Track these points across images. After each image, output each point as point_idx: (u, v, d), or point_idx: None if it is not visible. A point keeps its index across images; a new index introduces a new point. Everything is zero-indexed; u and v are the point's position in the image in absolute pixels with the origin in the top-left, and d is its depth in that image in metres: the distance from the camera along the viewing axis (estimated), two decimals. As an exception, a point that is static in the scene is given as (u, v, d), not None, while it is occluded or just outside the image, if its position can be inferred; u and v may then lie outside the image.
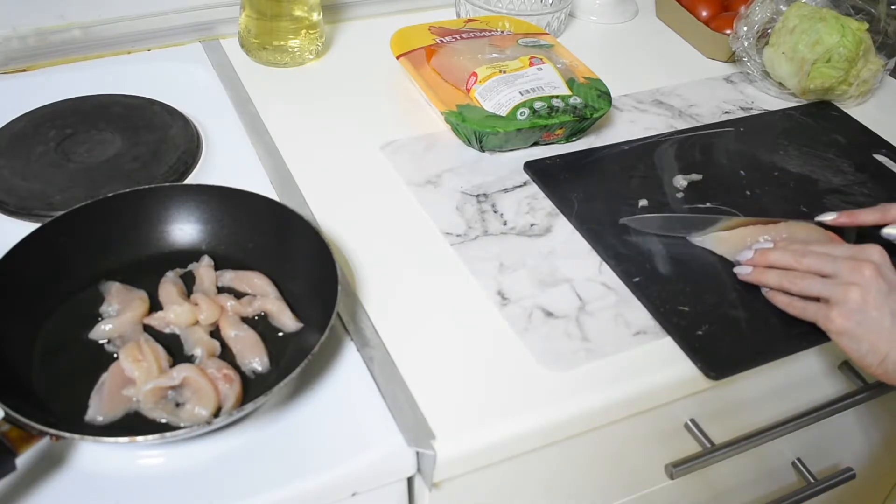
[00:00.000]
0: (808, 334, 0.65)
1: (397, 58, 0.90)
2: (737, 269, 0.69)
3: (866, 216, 0.70)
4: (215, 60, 0.93)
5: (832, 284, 0.62)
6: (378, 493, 0.58)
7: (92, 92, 0.84)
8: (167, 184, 0.72)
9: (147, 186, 0.67)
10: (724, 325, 0.65)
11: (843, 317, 0.61)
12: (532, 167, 0.80)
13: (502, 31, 0.94)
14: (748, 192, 0.80)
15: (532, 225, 0.74)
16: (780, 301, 0.66)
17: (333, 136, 0.83)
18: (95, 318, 0.61)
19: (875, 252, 0.63)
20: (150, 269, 0.65)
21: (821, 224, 0.72)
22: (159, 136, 0.80)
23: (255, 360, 0.59)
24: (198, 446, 0.55)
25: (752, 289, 0.68)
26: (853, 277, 0.61)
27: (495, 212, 0.75)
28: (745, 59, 0.97)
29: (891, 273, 0.62)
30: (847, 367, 0.75)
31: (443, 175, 0.79)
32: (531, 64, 0.84)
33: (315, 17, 0.93)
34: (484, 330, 0.64)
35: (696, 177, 0.81)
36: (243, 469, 0.54)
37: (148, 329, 0.61)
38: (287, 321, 0.61)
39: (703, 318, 0.66)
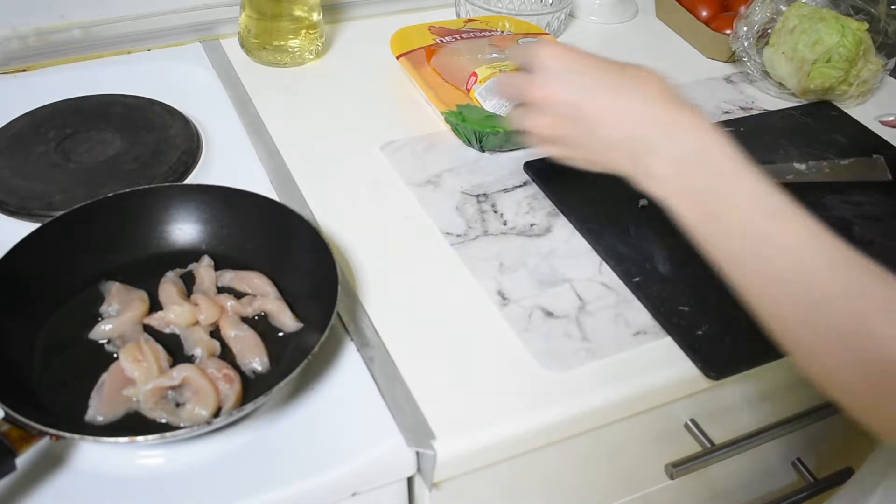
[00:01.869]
0: (808, 334, 0.65)
1: (397, 58, 0.90)
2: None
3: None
4: (215, 60, 0.93)
5: (523, 112, 0.58)
6: (378, 493, 0.58)
7: (92, 92, 0.84)
8: (167, 184, 0.72)
9: (147, 186, 0.67)
10: (724, 325, 0.65)
11: (546, 145, 0.58)
12: (532, 167, 0.80)
13: (502, 31, 0.94)
14: (748, 192, 0.80)
15: (532, 225, 0.74)
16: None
17: (333, 136, 0.83)
18: (95, 318, 0.61)
19: (545, 56, 0.56)
20: (150, 269, 0.64)
21: None
22: (159, 136, 0.80)
23: (255, 360, 0.59)
24: (198, 446, 0.55)
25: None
26: (530, 103, 0.57)
27: (495, 212, 0.75)
28: (745, 59, 0.97)
29: (571, 74, 0.56)
30: (847, 367, 0.75)
31: (443, 175, 0.79)
32: (531, 64, 0.84)
33: (315, 17, 0.93)
34: (484, 330, 0.64)
35: (696, 177, 0.81)
36: (243, 469, 0.54)
37: (148, 329, 0.61)
38: (287, 321, 0.61)
39: (703, 318, 0.66)
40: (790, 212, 0.50)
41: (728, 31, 1.00)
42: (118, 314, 0.61)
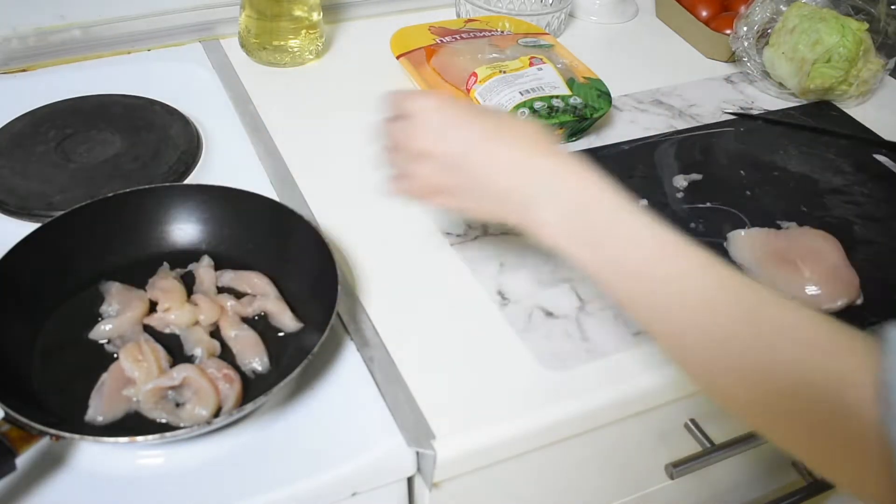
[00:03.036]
0: (808, 334, 0.65)
1: (397, 58, 0.90)
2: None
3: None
4: (215, 60, 0.93)
5: (402, 160, 0.57)
6: (378, 492, 0.58)
7: (92, 92, 0.84)
8: (167, 184, 0.72)
9: (147, 186, 0.67)
10: (724, 325, 0.65)
11: (429, 194, 0.57)
12: (532, 167, 0.80)
13: (502, 31, 0.94)
14: (748, 192, 0.80)
15: (532, 225, 0.74)
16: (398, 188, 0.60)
17: (333, 136, 0.83)
18: (95, 318, 0.61)
19: (417, 108, 0.56)
20: (150, 269, 0.64)
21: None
22: (159, 136, 0.80)
23: (255, 360, 0.59)
24: (198, 446, 0.55)
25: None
26: (408, 153, 0.56)
27: (495, 212, 0.75)
28: (745, 59, 0.97)
29: (448, 129, 0.55)
30: (847, 367, 0.75)
31: (443, 175, 0.79)
32: (531, 64, 0.84)
33: (315, 17, 0.93)
34: (484, 330, 0.64)
35: (696, 177, 0.81)
36: (243, 469, 0.54)
37: (148, 329, 0.61)
38: (287, 321, 0.61)
39: (703, 318, 0.65)
40: (681, 246, 0.50)
41: (728, 31, 1.00)
42: (118, 314, 0.61)
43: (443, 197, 0.57)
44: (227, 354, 0.60)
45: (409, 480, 0.61)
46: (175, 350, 0.59)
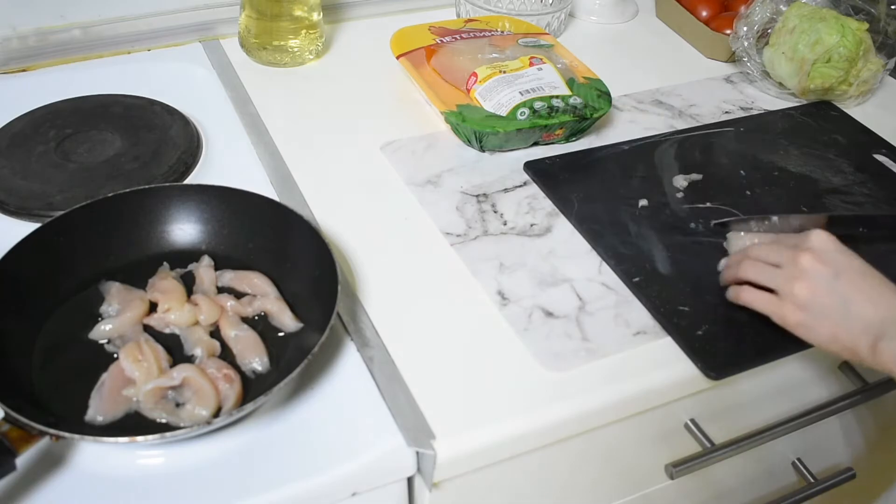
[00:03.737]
0: (808, 334, 0.65)
1: (397, 58, 0.90)
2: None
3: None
4: (215, 60, 0.93)
5: (781, 277, 0.62)
6: (378, 492, 0.58)
7: (92, 92, 0.84)
8: (167, 184, 0.72)
9: (147, 186, 0.67)
10: (724, 325, 0.65)
11: (795, 311, 0.61)
12: (532, 167, 0.80)
13: (502, 31, 0.94)
14: (748, 192, 0.80)
15: (532, 225, 0.74)
16: (746, 298, 0.64)
17: (333, 136, 0.83)
18: (95, 318, 0.61)
19: (815, 238, 0.62)
20: (150, 269, 0.64)
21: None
22: (159, 136, 0.80)
23: (255, 360, 0.59)
24: (198, 446, 0.55)
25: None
26: (794, 270, 0.61)
27: (495, 212, 0.75)
28: (745, 59, 0.97)
29: (836, 255, 0.61)
30: (847, 367, 0.75)
31: (443, 175, 0.79)
32: (531, 64, 0.84)
33: (315, 17, 0.93)
34: (484, 330, 0.64)
35: (696, 177, 0.81)
36: (243, 469, 0.54)
37: (148, 329, 0.61)
38: (287, 321, 0.61)
39: (703, 318, 0.66)
40: None
41: (728, 31, 1.00)
42: (118, 314, 0.61)
43: (804, 313, 0.60)
44: (227, 354, 0.60)
45: (409, 480, 0.61)
46: (175, 350, 0.59)
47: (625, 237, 0.73)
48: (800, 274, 0.60)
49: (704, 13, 1.05)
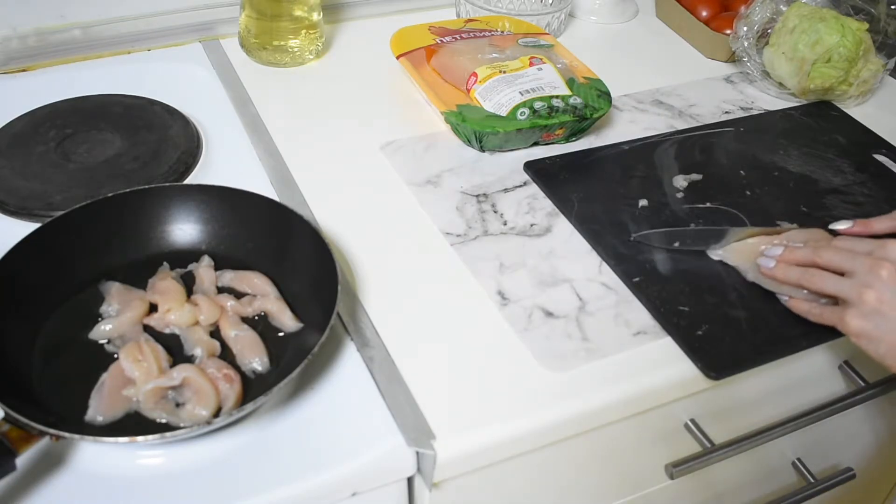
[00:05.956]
0: (809, 334, 0.65)
1: (397, 58, 0.90)
2: (760, 261, 0.68)
3: (881, 224, 0.68)
4: (215, 60, 0.93)
5: (849, 284, 0.61)
6: (378, 493, 0.58)
7: (92, 92, 0.84)
8: (167, 184, 0.72)
9: (147, 186, 0.67)
10: (724, 325, 0.65)
11: (859, 318, 0.60)
12: (532, 167, 0.80)
13: (502, 31, 0.94)
14: (748, 192, 0.80)
15: (532, 225, 0.74)
16: (800, 308, 0.65)
17: (333, 136, 0.83)
18: (95, 318, 0.61)
19: (895, 250, 0.61)
20: (150, 269, 0.64)
21: (833, 232, 0.70)
22: (159, 136, 0.80)
23: (255, 360, 0.59)
24: (198, 446, 0.55)
25: (753, 289, 0.68)
26: (869, 278, 0.60)
27: (495, 212, 0.75)
28: (745, 59, 0.97)
29: None
30: (847, 367, 0.75)
31: (443, 175, 0.79)
32: (531, 64, 0.84)
33: (315, 17, 0.93)
34: (484, 330, 0.64)
35: (696, 177, 0.81)
36: (243, 469, 0.54)
37: (148, 329, 0.61)
38: (287, 321, 0.61)
39: (703, 318, 0.66)
40: None
41: (728, 31, 1.00)
42: (118, 314, 0.61)
43: (867, 320, 0.60)
44: (227, 354, 0.60)
45: (409, 480, 0.61)
46: (175, 350, 0.59)
47: (625, 237, 0.73)
48: (873, 284, 0.59)
49: (704, 13, 1.05)
